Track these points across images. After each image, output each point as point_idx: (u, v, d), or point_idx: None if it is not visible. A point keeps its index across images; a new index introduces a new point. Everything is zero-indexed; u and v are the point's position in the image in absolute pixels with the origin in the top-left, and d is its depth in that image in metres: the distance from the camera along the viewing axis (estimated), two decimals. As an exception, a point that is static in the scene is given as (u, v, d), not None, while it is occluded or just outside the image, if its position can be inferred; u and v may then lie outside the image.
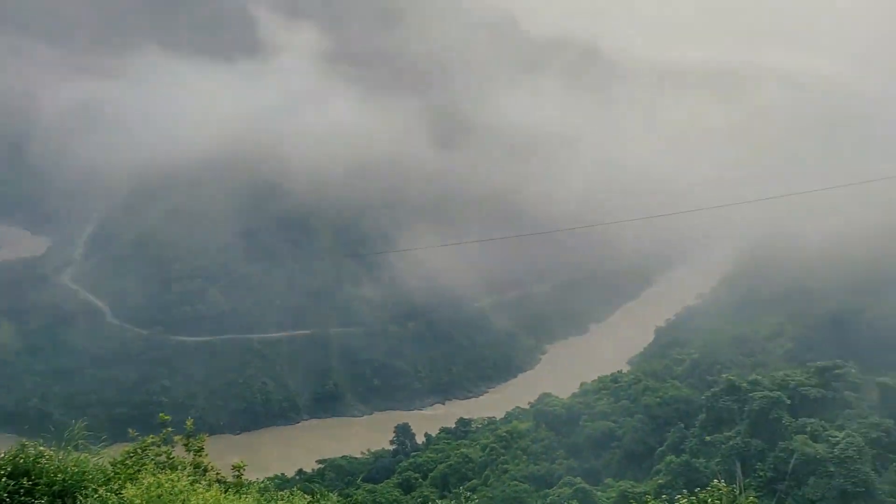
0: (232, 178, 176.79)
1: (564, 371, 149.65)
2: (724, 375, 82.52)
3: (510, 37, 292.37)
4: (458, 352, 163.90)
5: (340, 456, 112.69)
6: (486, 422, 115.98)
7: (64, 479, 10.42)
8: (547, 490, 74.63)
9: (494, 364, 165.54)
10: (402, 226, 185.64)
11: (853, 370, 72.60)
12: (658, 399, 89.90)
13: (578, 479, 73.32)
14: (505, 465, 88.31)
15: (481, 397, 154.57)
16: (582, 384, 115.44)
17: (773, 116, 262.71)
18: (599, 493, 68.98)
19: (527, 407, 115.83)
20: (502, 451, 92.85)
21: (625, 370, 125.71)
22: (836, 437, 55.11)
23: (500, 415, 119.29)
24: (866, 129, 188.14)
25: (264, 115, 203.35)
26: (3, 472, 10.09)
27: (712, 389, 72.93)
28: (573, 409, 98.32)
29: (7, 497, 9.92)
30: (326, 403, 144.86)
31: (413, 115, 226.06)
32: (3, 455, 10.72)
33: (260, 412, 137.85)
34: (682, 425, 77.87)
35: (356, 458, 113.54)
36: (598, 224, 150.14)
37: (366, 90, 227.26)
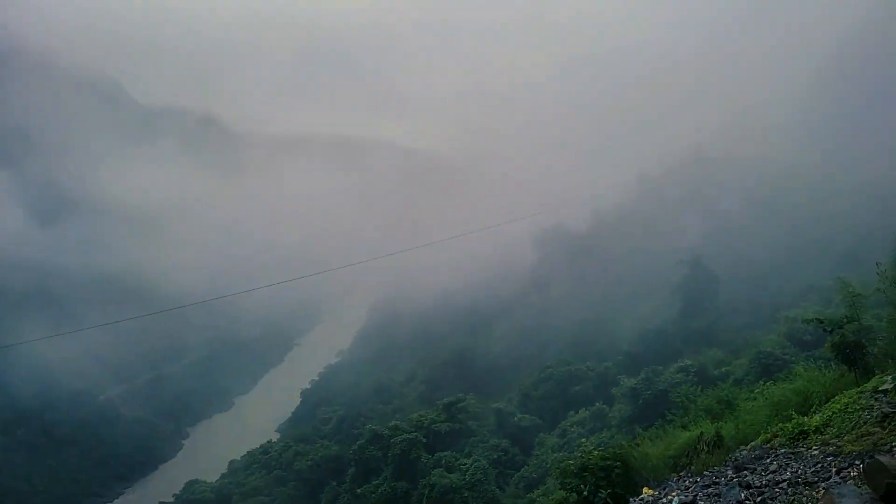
0: None
1: (211, 452, 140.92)
2: (367, 426, 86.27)
3: (118, 104, 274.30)
4: (84, 454, 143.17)
5: None
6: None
7: None
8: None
9: (129, 459, 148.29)
10: (2, 318, 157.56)
11: (473, 400, 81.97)
12: (309, 462, 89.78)
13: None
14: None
15: (115, 501, 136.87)
16: (230, 462, 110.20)
17: (385, 180, 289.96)
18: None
19: (171, 500, 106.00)
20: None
21: (275, 439, 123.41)
22: (465, 464, 61.09)
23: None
24: (460, 188, 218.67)
25: None
26: None
27: (358, 442, 75.40)
28: (223, 492, 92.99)
29: None
30: None
31: (4, 189, 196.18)
32: None
33: None
34: (335, 483, 78.77)
35: None
36: (228, 295, 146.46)
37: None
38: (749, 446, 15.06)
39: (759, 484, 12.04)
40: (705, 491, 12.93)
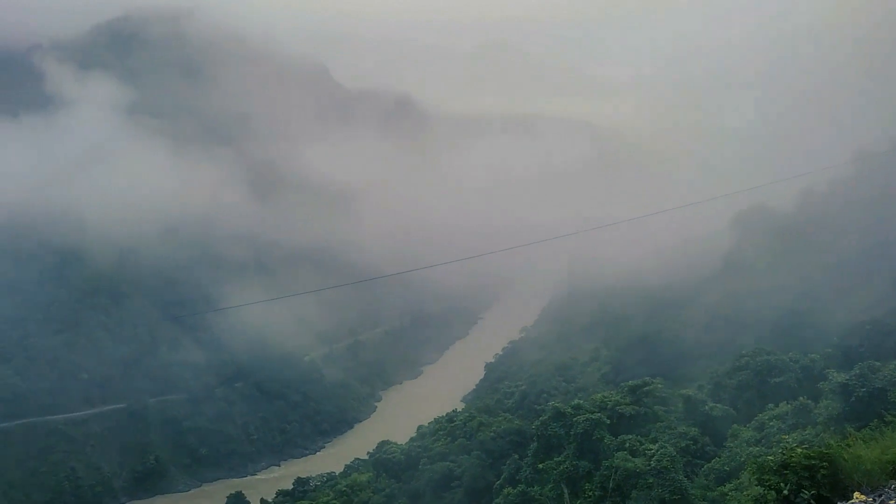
0: (22, 245, 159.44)
1: (401, 416, 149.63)
2: (550, 403, 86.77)
3: (323, 88, 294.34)
4: (291, 409, 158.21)
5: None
6: (324, 478, 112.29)
7: None
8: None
9: (329, 417, 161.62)
10: (223, 283, 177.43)
11: (660, 385, 79.36)
12: (492, 433, 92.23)
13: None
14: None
15: (318, 454, 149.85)
16: (419, 427, 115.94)
17: (569, 158, 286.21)
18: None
19: (366, 457, 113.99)
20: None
21: (460, 408, 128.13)
22: (651, 449, 59.52)
23: (339, 469, 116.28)
24: (645, 167, 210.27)
25: (57, 173, 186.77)
26: None
27: (541, 418, 76.03)
28: (412, 454, 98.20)
29: None
30: (148, 481, 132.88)
31: (225, 168, 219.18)
32: None
33: (70, 501, 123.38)
34: (517, 456, 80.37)
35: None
36: (419, 269, 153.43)
37: (173, 144, 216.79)
38: None
39: None
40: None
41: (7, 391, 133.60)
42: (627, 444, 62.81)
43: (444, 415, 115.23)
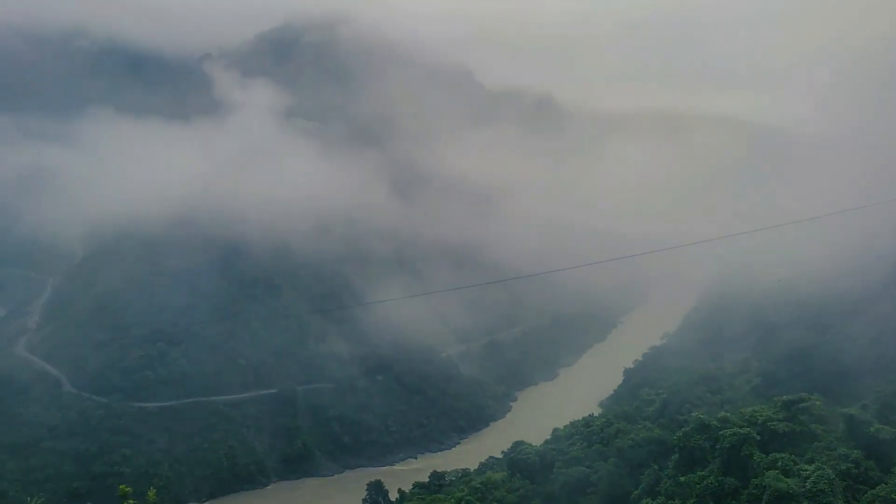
0: (190, 239, 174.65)
1: (536, 417, 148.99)
2: (694, 414, 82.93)
3: (466, 89, 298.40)
4: (429, 404, 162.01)
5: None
6: (459, 474, 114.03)
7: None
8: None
9: (466, 414, 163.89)
10: (366, 279, 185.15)
11: (818, 402, 73.62)
12: (630, 441, 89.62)
13: (556, 529, 72.19)
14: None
15: (454, 449, 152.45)
16: (554, 430, 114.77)
17: (718, 157, 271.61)
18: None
19: (500, 456, 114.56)
20: (477, 503, 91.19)
21: (596, 413, 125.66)
22: (806, 470, 55.48)
23: (473, 466, 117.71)
24: (809, 167, 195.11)
25: (221, 173, 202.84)
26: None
27: (683, 429, 72.98)
28: (547, 456, 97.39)
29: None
30: (296, 464, 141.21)
31: (371, 168, 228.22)
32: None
33: (227, 477, 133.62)
34: (656, 467, 77.61)
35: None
36: (559, 269, 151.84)
37: (323, 145, 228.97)
38: None
39: None
40: None
41: (176, 372, 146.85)
42: (780, 463, 58.89)
43: (581, 419, 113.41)
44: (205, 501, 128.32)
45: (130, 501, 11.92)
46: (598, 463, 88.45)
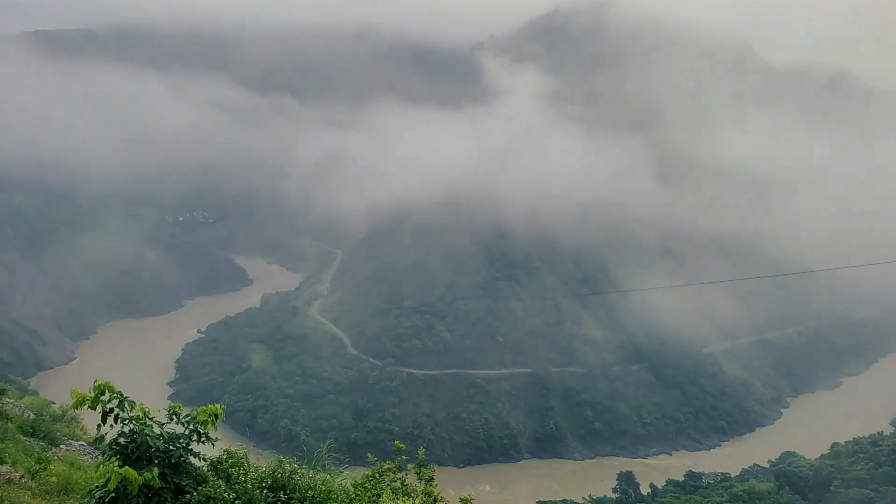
0: (458, 220, 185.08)
1: (812, 429, 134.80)
2: None
3: (745, 68, 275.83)
4: (687, 400, 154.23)
5: (561, 499, 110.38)
6: (718, 477, 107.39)
7: (313, 497, 11.37)
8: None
9: (728, 415, 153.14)
10: (626, 266, 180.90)
11: None
12: (932, 469, 77.23)
13: (831, 553, 64.94)
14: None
15: (712, 451, 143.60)
16: (833, 445, 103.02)
17: None
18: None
19: (766, 465, 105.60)
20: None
21: (887, 432, 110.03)
22: None
23: (734, 471, 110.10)
24: None
25: (489, 158, 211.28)
26: (264, 485, 11.36)
27: None
28: (823, 472, 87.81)
29: (265, 508, 11.06)
30: (547, 444, 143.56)
31: (636, 153, 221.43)
32: (263, 469, 12.00)
33: (482, 447, 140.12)
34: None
35: (576, 503, 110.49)
36: (849, 266, 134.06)
37: (588, 129, 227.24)
38: None
39: None
40: None
41: (440, 344, 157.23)
42: None
43: (867, 436, 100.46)
44: (462, 467, 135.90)
45: (403, 457, 12.94)
46: (886, 488, 77.76)
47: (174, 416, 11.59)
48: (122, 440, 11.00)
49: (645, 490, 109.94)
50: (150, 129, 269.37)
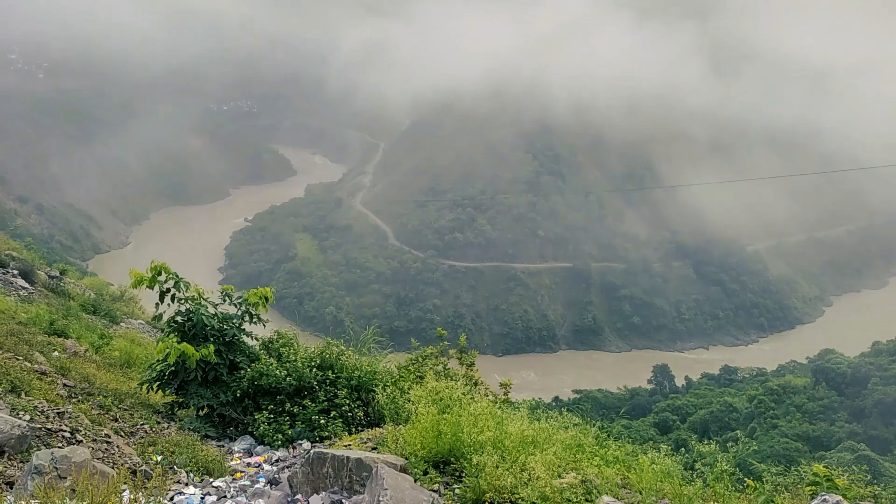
0: (501, 113, 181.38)
1: (853, 327, 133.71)
2: None
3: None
4: (727, 296, 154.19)
5: (597, 389, 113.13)
6: (754, 372, 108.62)
7: (360, 376, 12.00)
8: (823, 452, 68.34)
9: (768, 312, 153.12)
10: (673, 161, 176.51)
11: None
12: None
13: (862, 446, 66.18)
14: (774, 420, 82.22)
15: (750, 346, 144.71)
16: (874, 343, 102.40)
17: None
18: (888, 465, 61.40)
19: (804, 362, 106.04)
20: (772, 404, 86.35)
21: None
22: None
23: (770, 367, 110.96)
24: None
25: (537, 46, 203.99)
26: (314, 364, 12.01)
27: None
28: (861, 370, 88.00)
29: (316, 384, 11.76)
30: (585, 336, 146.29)
31: (689, 42, 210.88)
32: (312, 349, 12.63)
33: (520, 338, 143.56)
34: None
35: (612, 393, 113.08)
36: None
37: (638, 17, 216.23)
38: None
39: None
40: None
41: (481, 237, 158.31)
42: None
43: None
44: (500, 356, 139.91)
45: (445, 343, 13.28)
46: (926, 387, 77.73)
47: (227, 298, 12.30)
48: (179, 318, 11.75)
49: (680, 382, 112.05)
50: (191, 13, 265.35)
